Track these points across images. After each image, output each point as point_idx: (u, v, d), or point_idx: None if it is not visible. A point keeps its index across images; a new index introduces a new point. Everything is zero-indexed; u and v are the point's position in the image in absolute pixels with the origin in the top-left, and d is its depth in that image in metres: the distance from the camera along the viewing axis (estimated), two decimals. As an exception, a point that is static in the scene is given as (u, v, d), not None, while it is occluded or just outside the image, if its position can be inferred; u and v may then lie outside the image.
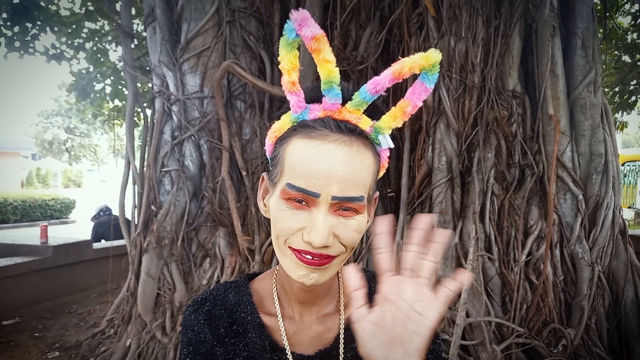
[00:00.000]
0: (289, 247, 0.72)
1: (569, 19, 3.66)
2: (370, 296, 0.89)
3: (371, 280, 0.92)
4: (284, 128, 0.76)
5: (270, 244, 3.58)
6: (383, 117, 0.73)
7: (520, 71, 3.71)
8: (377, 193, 0.82)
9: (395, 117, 0.72)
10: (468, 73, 3.48)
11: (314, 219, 0.69)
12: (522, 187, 3.56)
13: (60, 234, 6.64)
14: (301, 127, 0.73)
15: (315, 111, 0.72)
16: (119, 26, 4.33)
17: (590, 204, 3.52)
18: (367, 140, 0.74)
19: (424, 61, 0.66)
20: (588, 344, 3.35)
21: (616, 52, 7.32)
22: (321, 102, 0.72)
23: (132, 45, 4.53)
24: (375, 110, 0.73)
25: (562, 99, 3.55)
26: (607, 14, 6.32)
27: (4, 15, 5.56)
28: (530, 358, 3.27)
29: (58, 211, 16.09)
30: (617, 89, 7.43)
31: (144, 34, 5.04)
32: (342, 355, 0.83)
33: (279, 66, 0.70)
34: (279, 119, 0.77)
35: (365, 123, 0.73)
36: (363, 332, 0.62)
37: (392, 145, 0.76)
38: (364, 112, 0.73)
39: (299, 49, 0.67)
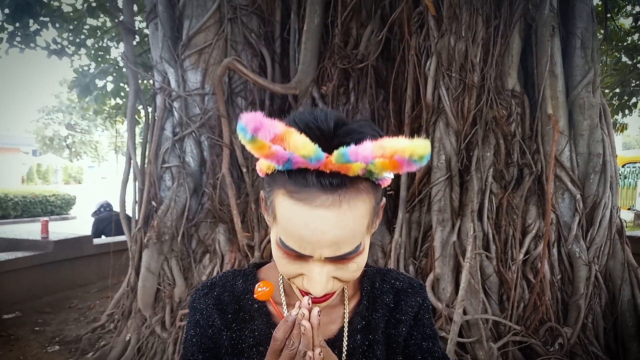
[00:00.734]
0: (294, 282, 0.75)
1: (569, 19, 3.67)
2: (374, 292, 0.92)
3: (375, 276, 0.94)
4: (271, 169, 0.70)
5: (270, 240, 3.60)
6: (376, 161, 0.63)
7: (519, 71, 3.72)
8: (384, 200, 0.79)
9: (387, 168, 0.64)
10: (467, 72, 3.49)
11: (311, 270, 0.70)
12: (521, 186, 3.58)
13: (60, 230, 6.66)
14: (288, 180, 0.68)
15: (299, 163, 0.64)
16: (121, 23, 4.35)
17: (588, 203, 3.54)
18: (362, 182, 0.69)
19: (408, 154, 0.60)
20: (584, 342, 3.37)
21: (616, 54, 7.33)
22: None
23: (134, 42, 4.55)
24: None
25: (561, 99, 3.56)
26: (609, 15, 6.33)
27: (6, 10, 5.59)
28: (526, 356, 3.29)
29: (58, 207, 16.13)
30: (617, 91, 7.44)
31: (146, 30, 5.06)
32: (346, 347, 0.85)
33: (249, 149, 0.63)
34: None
35: (356, 168, 0.64)
36: None
37: (392, 176, 0.71)
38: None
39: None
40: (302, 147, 0.61)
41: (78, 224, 13.51)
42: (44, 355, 3.86)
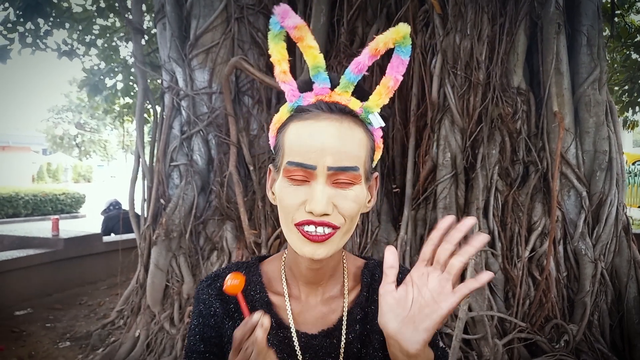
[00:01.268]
0: (295, 224, 0.77)
1: (575, 16, 3.68)
2: (373, 284, 0.94)
3: (375, 269, 0.96)
4: (283, 118, 0.82)
5: (277, 237, 3.64)
6: (370, 96, 0.78)
7: (525, 68, 3.73)
8: (377, 173, 0.86)
9: (380, 95, 0.77)
10: (473, 70, 3.51)
11: (313, 190, 0.75)
12: (526, 183, 3.59)
13: (70, 228, 6.74)
14: (297, 113, 0.79)
15: (308, 98, 0.78)
16: (130, 22, 4.41)
17: (594, 200, 3.54)
18: (358, 119, 0.79)
19: (395, 35, 0.71)
20: (590, 339, 3.38)
21: (626, 51, 7.28)
22: (312, 90, 0.78)
23: (143, 42, 4.60)
24: (364, 93, 0.79)
25: (567, 97, 3.57)
26: (619, 12, 6.30)
27: (18, 11, 5.67)
28: (532, 353, 3.31)
29: (68, 205, 16.29)
30: (626, 87, 7.40)
31: (153, 30, 5.12)
32: (344, 336, 0.88)
33: (270, 59, 0.77)
34: (277, 111, 0.84)
35: (354, 104, 0.78)
36: (384, 305, 0.74)
37: (383, 124, 0.81)
38: (354, 96, 0.78)
39: (287, 41, 0.75)
40: (316, 48, 0.74)
41: (88, 222, 13.63)
42: (55, 350, 3.92)
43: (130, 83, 7.07)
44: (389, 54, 0.74)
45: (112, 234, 7.02)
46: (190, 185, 3.83)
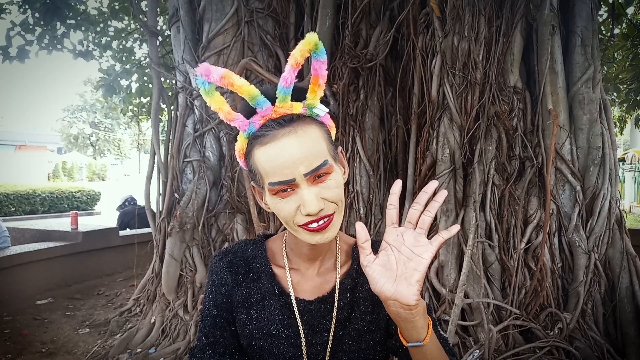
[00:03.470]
0: (298, 225, 0.88)
1: (569, 18, 3.81)
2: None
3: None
4: (244, 145, 0.92)
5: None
6: (307, 95, 0.87)
7: (521, 68, 3.85)
8: (340, 148, 0.99)
9: (315, 91, 0.87)
10: (470, 70, 3.66)
11: (301, 196, 0.86)
12: (522, 178, 3.72)
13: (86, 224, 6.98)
14: (255, 139, 0.88)
15: (257, 121, 0.87)
16: (145, 25, 4.61)
17: (588, 194, 3.67)
18: (307, 117, 0.89)
19: (307, 46, 0.80)
20: (584, 327, 3.50)
21: (633, 49, 7.31)
22: (257, 113, 0.88)
23: (157, 44, 4.79)
24: (300, 92, 0.88)
25: (562, 95, 3.71)
26: (630, 12, 6.34)
27: (36, 14, 5.90)
28: (526, 340, 3.44)
29: (84, 203, 16.60)
30: (633, 86, 7.43)
31: (167, 32, 5.32)
32: (337, 302, 1.04)
33: (212, 109, 0.86)
34: (236, 140, 0.95)
35: (297, 108, 0.87)
36: (373, 273, 0.83)
37: (328, 109, 0.91)
38: (294, 100, 0.88)
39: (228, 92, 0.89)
40: (245, 84, 0.81)
41: (103, 219, 13.89)
42: (75, 336, 4.13)
43: (145, 83, 7.30)
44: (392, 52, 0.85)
45: (128, 229, 7.25)
46: (203, 180, 4.03)
